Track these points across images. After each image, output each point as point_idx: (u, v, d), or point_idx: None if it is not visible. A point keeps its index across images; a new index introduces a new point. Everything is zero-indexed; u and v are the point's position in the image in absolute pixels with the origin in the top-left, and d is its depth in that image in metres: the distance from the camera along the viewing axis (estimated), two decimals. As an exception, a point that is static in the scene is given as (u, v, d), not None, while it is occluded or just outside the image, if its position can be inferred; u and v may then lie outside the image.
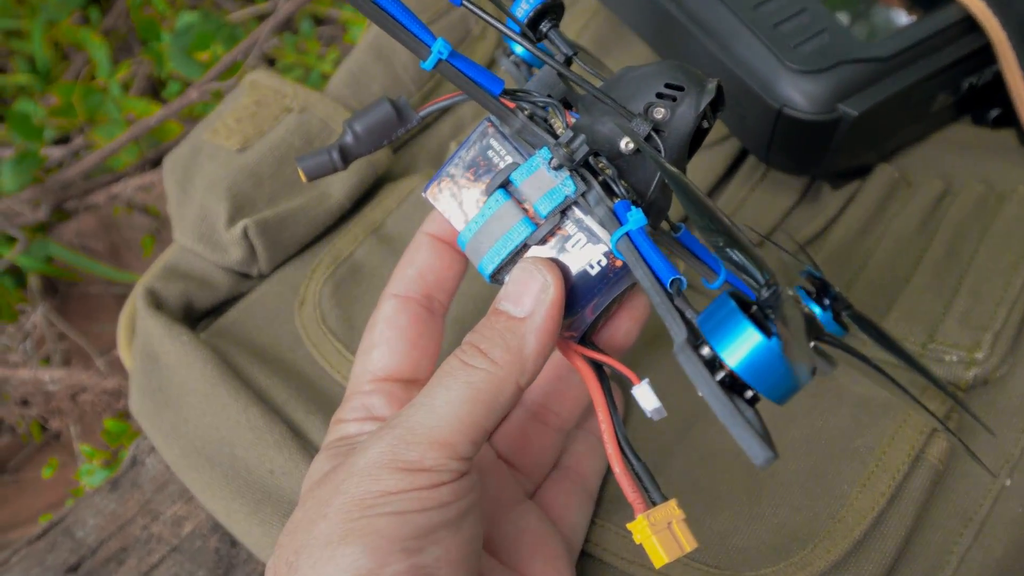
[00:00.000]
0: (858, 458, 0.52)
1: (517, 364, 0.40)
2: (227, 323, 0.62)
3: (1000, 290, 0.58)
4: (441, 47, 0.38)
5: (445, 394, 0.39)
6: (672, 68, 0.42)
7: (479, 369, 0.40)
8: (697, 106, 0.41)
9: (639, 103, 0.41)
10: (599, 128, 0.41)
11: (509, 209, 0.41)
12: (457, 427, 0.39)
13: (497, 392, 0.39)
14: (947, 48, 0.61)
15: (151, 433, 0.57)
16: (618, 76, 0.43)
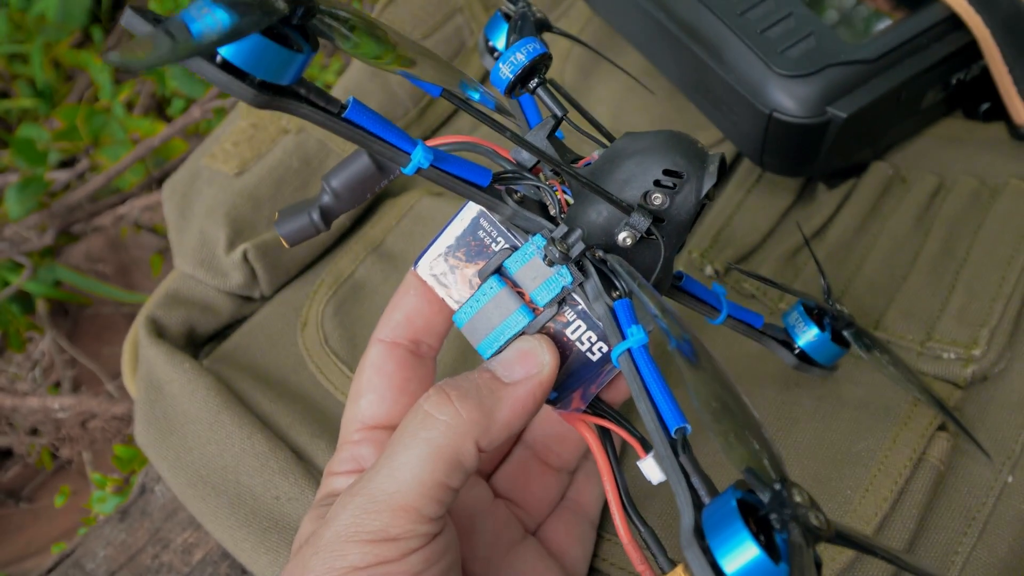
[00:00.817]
0: (860, 462, 0.52)
1: (482, 424, 0.38)
2: (230, 348, 0.62)
3: (995, 285, 0.58)
4: (421, 156, 0.36)
5: (404, 454, 0.38)
6: (671, 148, 0.40)
7: (440, 421, 0.38)
8: (698, 192, 0.40)
9: (636, 189, 0.39)
10: (594, 219, 0.39)
11: (505, 296, 0.40)
12: (419, 489, 0.37)
13: (457, 449, 0.38)
14: (933, 46, 0.61)
15: (157, 463, 0.57)
16: (614, 152, 0.41)
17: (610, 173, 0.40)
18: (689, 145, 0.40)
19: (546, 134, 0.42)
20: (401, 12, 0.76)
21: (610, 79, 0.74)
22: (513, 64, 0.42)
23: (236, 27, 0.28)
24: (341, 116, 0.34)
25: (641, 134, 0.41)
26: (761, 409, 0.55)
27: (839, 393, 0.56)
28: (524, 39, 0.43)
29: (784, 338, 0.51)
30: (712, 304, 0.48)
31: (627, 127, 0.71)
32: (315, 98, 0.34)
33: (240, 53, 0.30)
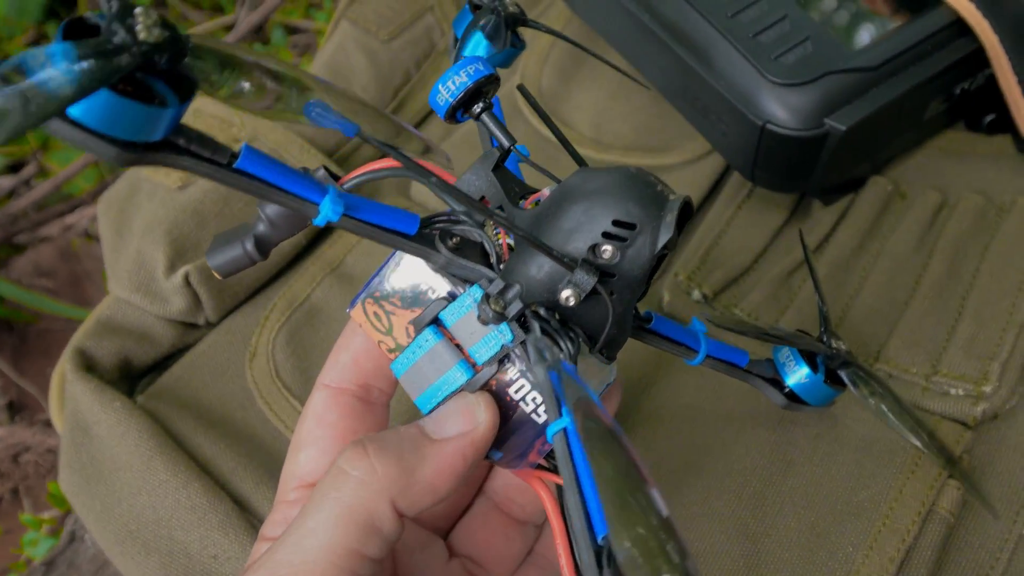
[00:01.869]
0: (863, 514, 0.47)
1: (399, 482, 0.34)
2: (170, 381, 0.57)
3: (1006, 313, 0.54)
4: (329, 209, 0.31)
5: (313, 518, 0.33)
6: (623, 194, 0.34)
7: (351, 478, 0.34)
8: (653, 246, 0.34)
9: (583, 241, 0.34)
10: (534, 274, 0.35)
11: (442, 351, 0.36)
12: (329, 558, 0.32)
13: (371, 510, 0.33)
14: (937, 53, 0.57)
15: (82, 513, 0.52)
16: (563, 193, 0.35)
17: (556, 219, 0.35)
18: (645, 189, 0.34)
19: (490, 167, 0.38)
20: (366, 10, 0.71)
21: (591, 85, 0.69)
22: (453, 88, 0.37)
23: (79, 87, 0.24)
24: (231, 167, 0.30)
25: (595, 172, 0.35)
26: (753, 450, 0.51)
27: (838, 431, 0.51)
28: (468, 58, 0.38)
29: (773, 375, 0.46)
30: (688, 344, 0.43)
31: (609, 136, 0.66)
32: (197, 148, 0.29)
33: (89, 113, 0.25)
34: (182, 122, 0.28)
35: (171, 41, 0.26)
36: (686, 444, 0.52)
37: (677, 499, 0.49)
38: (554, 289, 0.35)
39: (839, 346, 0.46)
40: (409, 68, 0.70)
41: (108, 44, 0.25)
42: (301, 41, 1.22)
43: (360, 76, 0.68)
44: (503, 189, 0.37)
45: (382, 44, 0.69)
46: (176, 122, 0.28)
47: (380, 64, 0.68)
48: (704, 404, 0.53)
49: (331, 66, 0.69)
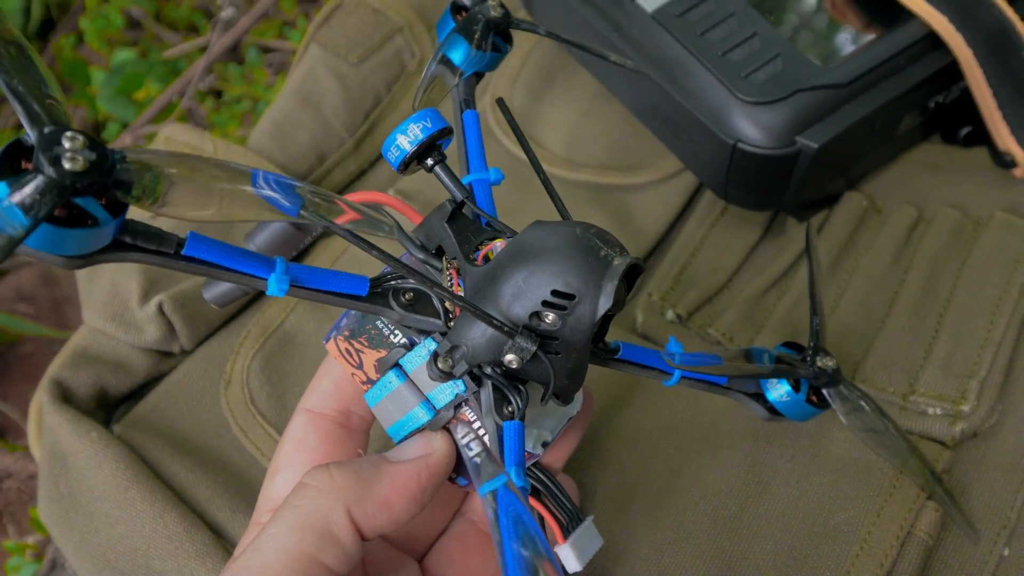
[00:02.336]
0: (841, 538, 0.47)
1: (355, 492, 0.35)
2: (145, 410, 0.56)
3: (983, 330, 0.54)
4: (275, 287, 0.33)
5: (274, 526, 0.34)
6: (565, 263, 0.34)
7: (311, 488, 0.35)
8: (593, 315, 0.34)
9: (524, 308, 0.34)
10: (478, 337, 0.35)
11: (404, 392, 0.38)
12: (285, 561, 0.33)
13: (327, 517, 0.34)
14: (910, 68, 0.57)
15: (61, 543, 0.51)
16: (513, 251, 0.35)
17: (501, 283, 0.35)
18: (587, 256, 0.34)
19: (444, 218, 0.38)
20: (335, 34, 0.70)
21: (563, 104, 0.69)
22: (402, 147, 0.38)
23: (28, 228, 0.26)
24: (180, 255, 0.31)
25: (543, 231, 0.35)
26: (729, 472, 0.50)
27: (815, 451, 0.51)
28: (423, 111, 0.39)
29: (755, 391, 0.46)
30: (660, 368, 0.42)
31: (581, 155, 0.66)
32: (144, 243, 0.30)
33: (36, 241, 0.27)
34: (128, 218, 0.29)
35: (97, 165, 0.27)
36: (661, 467, 0.51)
37: (652, 523, 0.49)
38: (498, 351, 0.35)
39: (826, 364, 0.45)
40: (380, 90, 0.69)
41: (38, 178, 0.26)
42: (276, 60, 1.22)
43: (331, 99, 0.68)
44: (457, 241, 0.38)
45: (352, 67, 0.69)
46: (116, 231, 0.29)
47: (350, 87, 0.68)
48: (680, 425, 0.53)
49: (301, 91, 0.68)
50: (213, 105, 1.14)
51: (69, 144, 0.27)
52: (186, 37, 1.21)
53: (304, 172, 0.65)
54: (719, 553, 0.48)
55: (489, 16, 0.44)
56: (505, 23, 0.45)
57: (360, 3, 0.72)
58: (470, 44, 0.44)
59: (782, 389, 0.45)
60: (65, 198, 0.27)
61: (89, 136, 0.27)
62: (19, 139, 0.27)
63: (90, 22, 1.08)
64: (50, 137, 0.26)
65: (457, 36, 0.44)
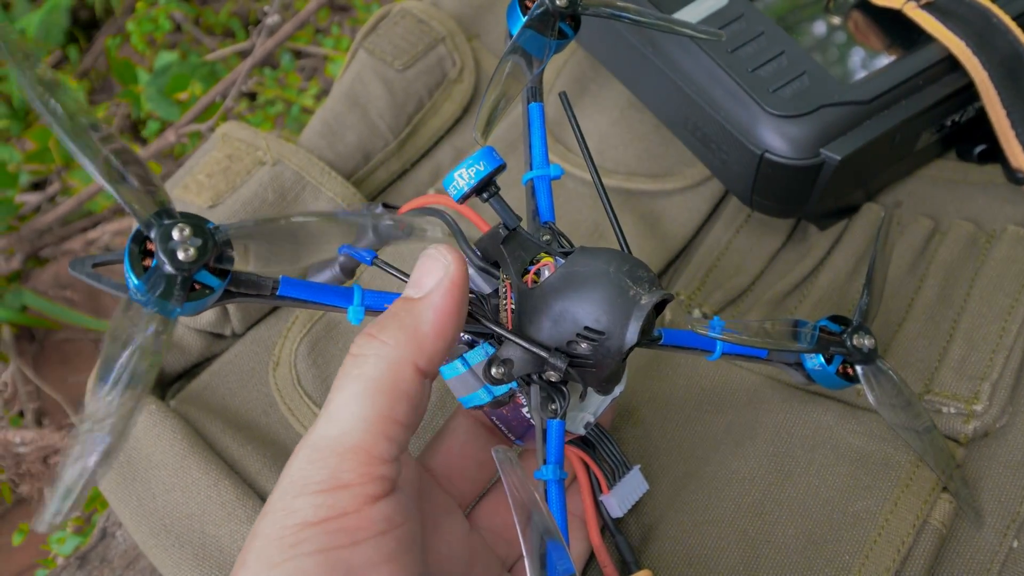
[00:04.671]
0: (859, 524, 0.50)
1: (413, 343, 0.37)
2: (198, 388, 0.60)
3: (996, 336, 0.57)
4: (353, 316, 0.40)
5: (339, 396, 0.36)
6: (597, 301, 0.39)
7: (369, 356, 0.37)
8: (621, 347, 0.39)
9: (563, 334, 0.40)
10: (522, 357, 0.41)
11: (469, 377, 0.44)
12: (363, 427, 0.35)
13: (395, 377, 0.36)
14: (929, 88, 0.60)
15: (118, 509, 0.54)
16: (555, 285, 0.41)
17: (545, 311, 0.41)
18: (618, 297, 0.39)
19: (498, 242, 0.44)
20: (382, 42, 0.74)
21: (595, 113, 0.72)
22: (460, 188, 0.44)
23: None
24: (275, 295, 0.39)
25: (586, 264, 0.40)
26: (752, 462, 0.53)
27: (835, 442, 0.53)
28: (480, 152, 0.44)
29: (795, 360, 0.52)
30: (703, 347, 0.49)
31: (612, 162, 0.69)
32: (247, 289, 0.38)
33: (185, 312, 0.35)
34: (233, 271, 0.37)
35: (203, 250, 0.35)
36: (688, 455, 0.54)
37: (679, 507, 0.52)
38: (540, 367, 0.41)
39: (862, 343, 0.50)
40: (422, 95, 0.73)
41: (166, 282, 0.34)
42: (308, 65, 1.26)
43: (377, 103, 0.71)
44: (510, 261, 0.43)
45: (397, 73, 0.72)
46: (227, 284, 0.37)
47: (395, 92, 0.72)
48: (705, 417, 0.56)
49: (350, 94, 0.72)
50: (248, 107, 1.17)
51: (179, 236, 0.34)
52: (222, 43, 1.25)
53: (350, 170, 0.69)
54: (743, 536, 0.51)
55: (555, 7, 0.48)
56: (572, 10, 0.48)
57: (405, 13, 0.76)
58: (541, 33, 0.48)
59: (816, 360, 0.50)
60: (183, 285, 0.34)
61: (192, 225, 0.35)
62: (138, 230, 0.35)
63: (137, 25, 1.12)
64: (164, 232, 0.34)
65: (528, 28, 0.47)
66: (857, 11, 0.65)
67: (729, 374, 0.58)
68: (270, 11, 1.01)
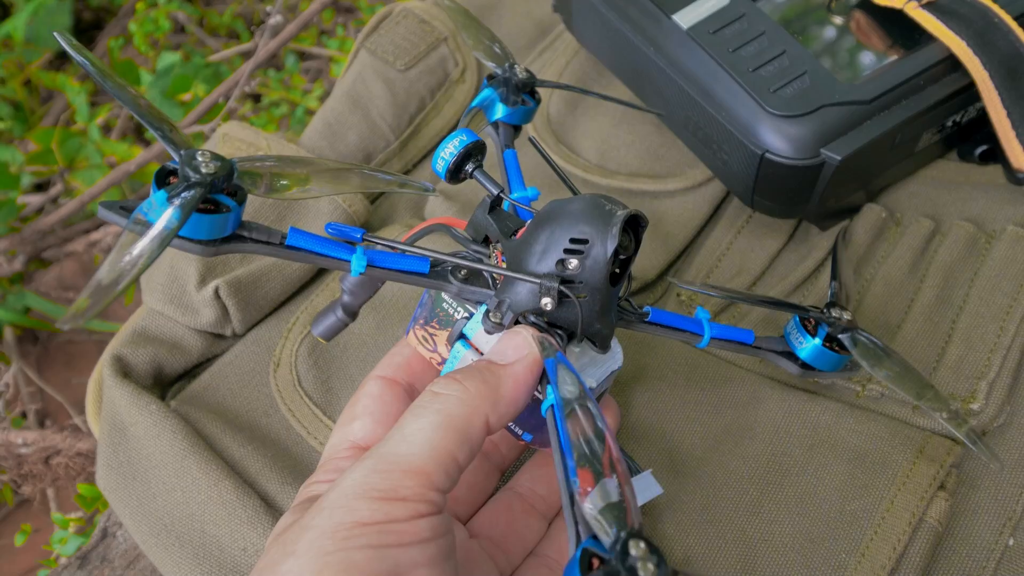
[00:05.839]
0: (856, 523, 0.50)
1: (489, 397, 0.40)
2: (199, 388, 0.60)
3: (994, 336, 0.57)
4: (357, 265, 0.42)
5: (416, 423, 0.39)
6: (577, 217, 0.43)
7: (450, 395, 0.39)
8: (605, 253, 0.42)
9: (552, 257, 0.43)
10: (519, 289, 0.44)
11: (470, 358, 0.45)
12: (430, 454, 0.37)
13: (468, 421, 0.39)
14: (930, 88, 0.60)
15: (118, 508, 0.55)
16: (537, 221, 0.44)
17: (532, 244, 0.44)
18: (595, 210, 0.43)
19: (485, 211, 0.48)
20: (383, 42, 0.74)
21: (597, 113, 0.72)
22: (447, 156, 0.49)
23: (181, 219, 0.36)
24: (284, 244, 0.41)
25: (562, 201, 0.44)
26: (750, 461, 0.53)
27: (833, 442, 0.54)
28: (458, 130, 0.50)
29: (784, 348, 0.53)
30: (691, 330, 0.51)
31: (614, 162, 0.69)
32: (258, 235, 0.41)
33: (186, 230, 0.38)
34: (244, 219, 0.40)
35: (223, 169, 0.39)
36: (687, 455, 0.54)
37: (678, 506, 0.52)
38: (536, 300, 0.43)
39: (841, 315, 0.52)
40: (424, 96, 0.73)
41: (186, 186, 0.37)
42: (313, 66, 1.26)
43: (378, 103, 0.71)
44: (498, 227, 0.47)
45: (399, 73, 0.73)
46: (239, 220, 0.40)
47: (397, 92, 0.72)
48: (704, 417, 0.56)
49: (351, 94, 0.72)
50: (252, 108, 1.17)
51: (202, 158, 0.39)
52: (226, 44, 1.26)
53: (353, 170, 0.69)
54: (740, 535, 0.51)
55: (516, 79, 0.56)
56: (530, 83, 0.57)
57: (407, 13, 0.76)
58: (502, 102, 0.56)
59: (807, 343, 0.52)
60: (207, 192, 0.38)
61: (212, 152, 0.39)
62: (163, 166, 0.39)
63: (139, 26, 1.12)
64: (188, 155, 0.38)
65: (491, 95, 0.56)
66: (859, 11, 0.65)
67: (728, 374, 0.58)
68: (272, 12, 1.01)
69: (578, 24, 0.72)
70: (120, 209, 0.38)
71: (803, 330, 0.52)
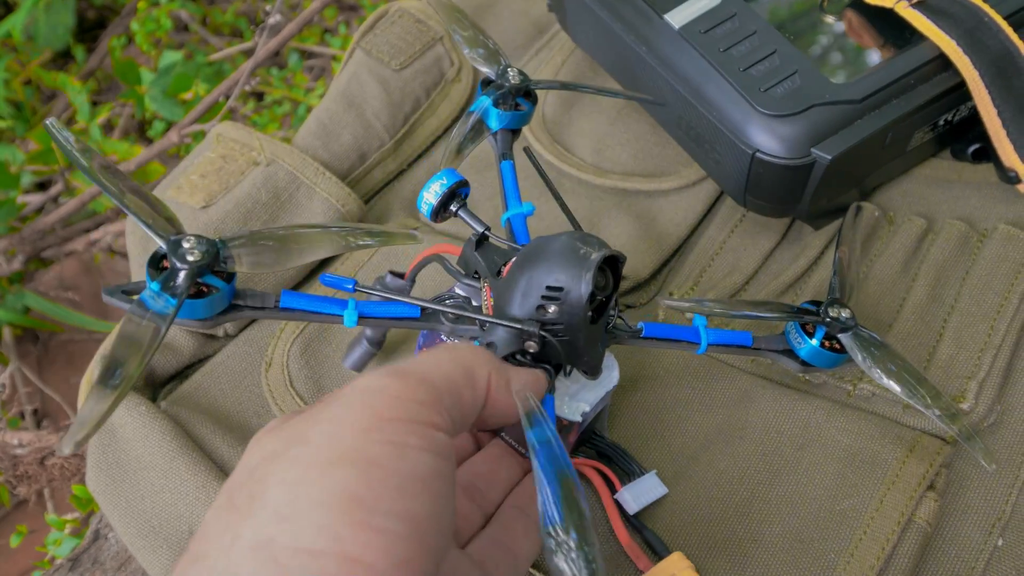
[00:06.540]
0: (845, 523, 0.50)
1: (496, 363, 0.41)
2: (190, 389, 0.60)
3: (984, 335, 0.57)
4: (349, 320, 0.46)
5: (427, 354, 0.40)
6: (553, 263, 0.44)
7: (462, 347, 0.41)
8: (581, 299, 0.44)
9: (531, 302, 0.45)
10: (503, 336, 0.46)
11: None
12: (441, 376, 0.38)
13: (474, 367, 0.40)
14: (921, 87, 0.60)
15: (107, 510, 0.55)
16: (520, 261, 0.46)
17: (513, 287, 0.46)
18: (571, 256, 0.44)
19: (472, 248, 0.50)
20: (379, 41, 0.74)
21: (592, 113, 0.72)
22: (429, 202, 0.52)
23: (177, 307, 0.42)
24: (278, 307, 0.46)
25: (541, 242, 0.46)
26: (741, 461, 0.53)
27: (824, 441, 0.54)
28: (441, 172, 0.52)
29: (785, 348, 0.54)
30: (687, 339, 0.52)
31: (608, 162, 0.69)
32: (252, 303, 0.46)
33: (185, 312, 0.44)
34: (238, 288, 0.45)
35: (207, 255, 0.43)
36: (677, 455, 0.54)
37: (668, 507, 0.52)
38: (520, 342, 0.45)
39: (839, 313, 0.52)
40: (419, 95, 0.73)
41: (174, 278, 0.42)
42: (316, 65, 1.26)
43: (373, 102, 0.71)
44: (485, 264, 0.50)
45: (394, 73, 0.73)
46: (232, 293, 0.45)
47: (392, 92, 0.72)
48: (695, 417, 0.56)
49: (346, 94, 0.72)
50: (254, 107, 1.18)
51: (187, 245, 0.43)
52: (229, 42, 1.26)
53: (346, 170, 0.69)
54: (731, 535, 0.51)
55: (510, 83, 0.57)
56: (524, 87, 0.58)
57: (403, 13, 0.76)
58: (497, 106, 0.57)
59: (804, 343, 0.52)
60: (195, 279, 0.42)
61: (197, 237, 0.43)
62: (155, 252, 0.44)
63: (140, 25, 1.12)
64: (174, 244, 0.43)
65: (486, 100, 0.57)
66: (851, 10, 0.65)
67: (719, 374, 0.58)
68: (272, 11, 1.01)
69: (572, 23, 0.72)
70: (122, 294, 0.44)
71: (801, 332, 0.53)
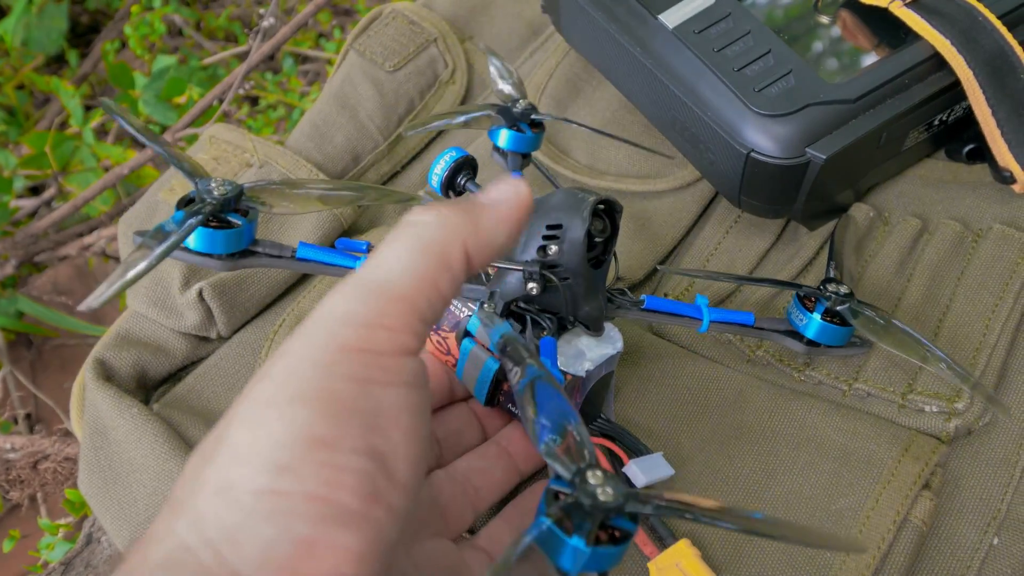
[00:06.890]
0: (841, 522, 0.50)
1: (469, 226, 0.37)
2: (183, 391, 0.60)
3: (979, 335, 0.56)
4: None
5: (391, 249, 0.36)
6: (552, 206, 0.47)
7: (426, 221, 0.36)
8: (579, 235, 0.46)
9: (533, 246, 0.47)
10: (508, 279, 0.47)
11: (476, 353, 0.49)
12: (410, 280, 0.35)
13: (446, 246, 0.36)
14: (915, 86, 0.59)
15: (99, 513, 0.54)
16: None
17: None
18: (568, 199, 0.47)
19: None
20: (373, 42, 0.74)
21: (587, 114, 0.72)
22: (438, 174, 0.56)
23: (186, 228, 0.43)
24: (294, 257, 0.48)
25: (541, 198, 0.47)
26: (736, 461, 0.53)
27: (819, 440, 0.53)
28: (449, 148, 0.56)
29: (788, 328, 0.56)
30: (690, 315, 0.54)
31: (603, 163, 0.69)
32: (270, 250, 0.48)
33: (199, 242, 0.45)
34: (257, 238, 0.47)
35: (233, 191, 0.45)
36: (672, 455, 0.54)
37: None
38: (522, 286, 0.47)
39: (837, 289, 0.54)
40: (413, 97, 0.73)
41: (199, 204, 0.44)
42: (311, 69, 1.26)
43: (367, 104, 0.71)
44: None
45: (388, 74, 0.72)
46: (252, 236, 0.47)
47: (386, 93, 0.72)
48: (689, 417, 0.56)
49: (339, 95, 0.72)
50: (249, 111, 1.18)
51: (215, 183, 0.45)
52: (223, 46, 1.26)
53: (340, 172, 0.69)
54: (726, 535, 0.50)
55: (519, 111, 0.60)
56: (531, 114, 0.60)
57: (397, 14, 0.76)
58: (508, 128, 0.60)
59: (805, 319, 0.55)
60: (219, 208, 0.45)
61: (225, 179, 0.46)
62: (185, 195, 0.46)
63: (134, 29, 1.12)
64: (204, 183, 0.45)
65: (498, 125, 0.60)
66: (845, 10, 0.65)
67: (715, 374, 0.57)
68: (266, 15, 1.01)
69: (566, 25, 0.72)
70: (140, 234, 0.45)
71: (802, 308, 0.54)
